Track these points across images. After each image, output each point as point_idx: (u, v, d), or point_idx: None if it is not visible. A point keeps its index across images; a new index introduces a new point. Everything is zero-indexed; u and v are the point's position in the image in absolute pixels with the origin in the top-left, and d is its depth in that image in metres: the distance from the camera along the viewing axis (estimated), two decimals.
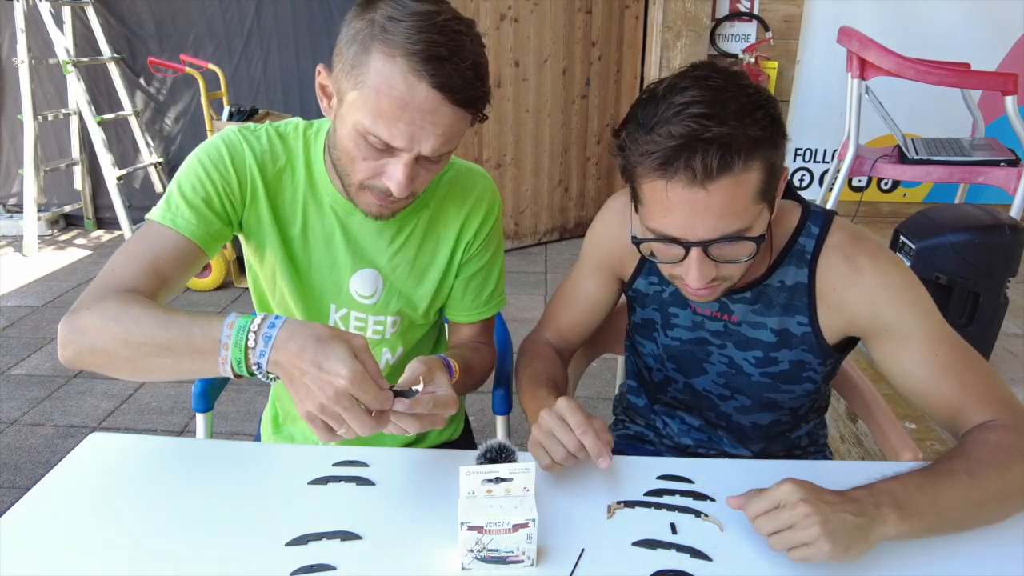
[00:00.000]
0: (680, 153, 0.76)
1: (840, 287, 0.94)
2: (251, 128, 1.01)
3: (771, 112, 0.80)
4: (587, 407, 0.86)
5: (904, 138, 2.51)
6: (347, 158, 0.89)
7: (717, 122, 0.75)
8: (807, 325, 0.97)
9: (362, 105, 0.82)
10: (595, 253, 1.12)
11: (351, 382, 0.71)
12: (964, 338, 0.91)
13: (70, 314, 0.85)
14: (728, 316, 1.01)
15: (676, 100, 0.77)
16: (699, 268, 0.84)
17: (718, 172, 0.76)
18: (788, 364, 1.00)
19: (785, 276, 0.97)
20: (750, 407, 1.05)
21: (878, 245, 0.95)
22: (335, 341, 0.73)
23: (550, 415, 0.84)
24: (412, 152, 0.85)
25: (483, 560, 0.73)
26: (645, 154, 0.79)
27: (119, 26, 4.15)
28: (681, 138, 0.76)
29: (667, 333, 1.07)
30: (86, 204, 4.52)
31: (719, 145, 0.75)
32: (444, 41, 0.79)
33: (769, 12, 3.23)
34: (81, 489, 0.86)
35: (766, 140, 0.79)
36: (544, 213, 4.28)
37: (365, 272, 1.05)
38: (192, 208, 0.94)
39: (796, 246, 0.97)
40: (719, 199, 0.78)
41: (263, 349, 0.75)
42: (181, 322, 0.80)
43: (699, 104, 0.76)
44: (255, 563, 0.74)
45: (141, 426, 2.44)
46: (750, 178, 0.79)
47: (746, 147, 0.77)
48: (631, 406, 1.22)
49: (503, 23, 3.73)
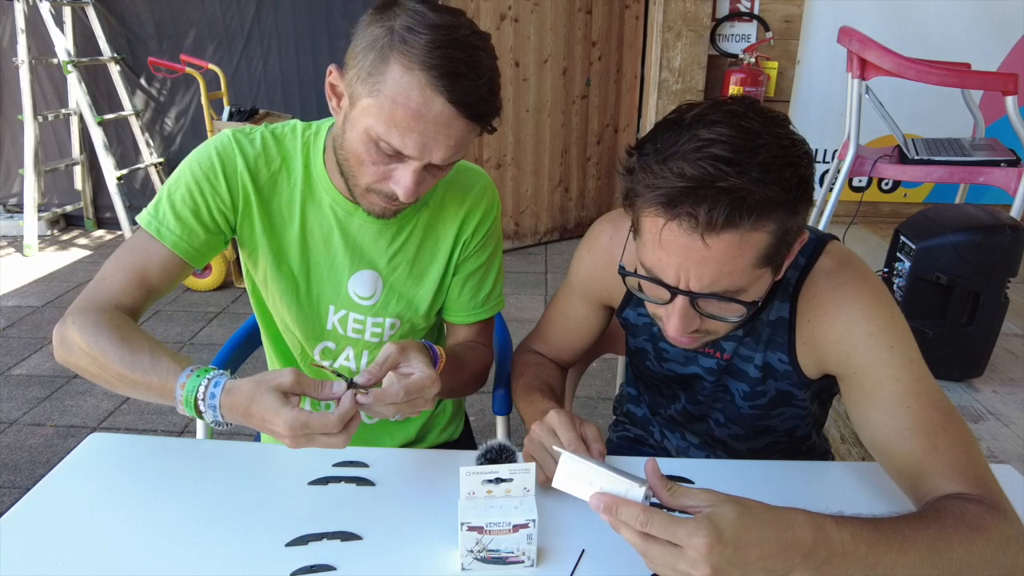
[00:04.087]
0: (687, 197, 0.69)
1: (814, 320, 0.87)
2: (246, 131, 1.01)
3: (801, 172, 0.71)
4: (587, 407, 0.86)
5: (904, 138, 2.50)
6: (355, 160, 0.89)
7: (737, 171, 0.67)
8: (787, 363, 0.93)
9: (377, 112, 0.83)
10: (581, 283, 1.08)
11: (291, 429, 0.74)
12: (964, 338, 0.89)
13: (63, 321, 0.91)
14: (720, 354, 0.99)
15: (701, 134, 0.69)
16: (681, 318, 0.78)
17: (723, 227, 0.69)
18: (775, 392, 0.98)
19: (770, 311, 0.92)
20: (743, 435, 1.05)
21: (865, 276, 0.87)
22: (264, 393, 0.76)
23: (541, 428, 0.83)
24: (423, 161, 0.85)
25: (483, 560, 0.73)
26: (651, 187, 0.72)
27: (119, 26, 4.16)
28: (692, 180, 0.68)
29: (661, 364, 1.06)
30: (86, 204, 4.52)
31: (731, 199, 0.68)
32: (463, 57, 0.80)
33: (769, 12, 3.23)
34: (81, 489, 0.86)
35: (786, 204, 0.71)
36: (544, 213, 4.28)
37: (364, 273, 1.05)
38: (178, 219, 0.96)
39: (784, 278, 0.89)
40: (717, 254, 0.71)
41: (214, 415, 0.80)
42: (143, 367, 0.85)
43: (723, 145, 0.68)
44: (255, 563, 0.74)
45: (141, 426, 2.44)
46: (757, 239, 0.71)
47: (760, 207, 0.69)
48: (630, 413, 1.22)
49: (503, 23, 3.73)
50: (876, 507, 0.82)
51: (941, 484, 0.74)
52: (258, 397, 0.76)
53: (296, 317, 1.06)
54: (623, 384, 1.30)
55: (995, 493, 0.73)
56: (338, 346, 1.10)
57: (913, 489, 0.78)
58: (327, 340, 1.09)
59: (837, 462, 1.14)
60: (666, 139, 0.72)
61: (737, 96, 0.78)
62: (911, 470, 0.78)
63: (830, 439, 1.23)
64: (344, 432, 0.76)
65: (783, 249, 0.75)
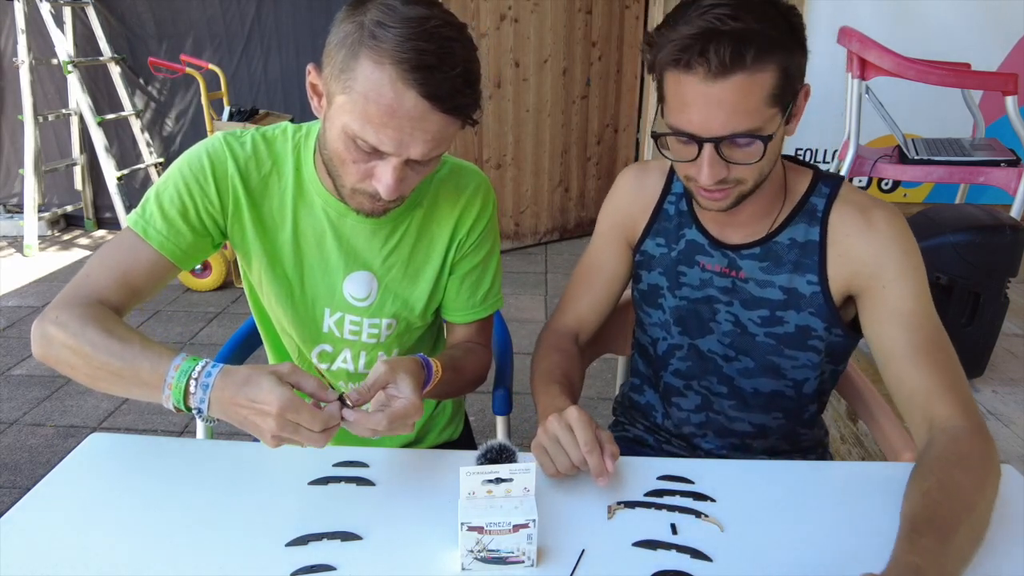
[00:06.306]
0: (695, 44, 0.81)
1: (853, 235, 0.96)
2: (236, 134, 1.01)
3: (791, 20, 0.85)
4: (587, 407, 0.86)
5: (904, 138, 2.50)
6: (337, 159, 0.89)
7: (734, 19, 0.80)
8: (816, 284, 0.99)
9: (351, 110, 0.82)
10: (608, 220, 1.15)
11: (281, 407, 0.75)
12: (964, 338, 0.92)
13: (41, 316, 0.89)
14: (736, 272, 1.03)
15: (704, 2, 0.82)
16: (710, 165, 0.87)
17: (731, 65, 0.80)
18: (793, 327, 1.01)
19: (796, 233, 0.99)
20: (753, 369, 1.06)
21: (893, 208, 0.98)
22: (260, 374, 0.78)
23: (559, 422, 0.84)
24: (401, 157, 0.85)
25: (483, 560, 0.73)
26: (665, 46, 0.84)
27: (119, 26, 4.16)
28: (698, 30, 0.81)
29: (675, 294, 1.08)
30: (86, 204, 4.52)
31: (733, 38, 0.80)
32: (433, 49, 0.79)
33: None
34: (81, 489, 0.86)
35: (781, 42, 0.83)
36: (544, 213, 4.28)
37: (359, 274, 1.05)
38: (166, 220, 0.95)
39: (808, 205, 1.00)
40: (731, 95, 0.82)
41: (202, 396, 0.80)
42: (134, 353, 0.84)
43: (723, 6, 0.81)
44: (255, 563, 0.74)
45: (141, 426, 2.44)
46: (763, 78, 0.83)
47: (759, 43, 0.81)
48: (633, 404, 1.22)
49: (503, 23, 3.73)
50: (876, 507, 0.82)
51: (938, 406, 0.87)
52: (254, 378, 0.77)
53: (292, 319, 1.06)
54: (623, 383, 1.30)
55: (974, 413, 0.88)
56: (335, 349, 1.10)
57: (913, 403, 0.90)
58: (323, 343, 1.09)
59: (837, 462, 1.14)
60: (676, 14, 0.86)
61: None
62: (915, 384, 0.90)
63: (830, 439, 1.23)
64: (325, 433, 0.78)
65: (788, 89, 0.86)
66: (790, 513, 0.83)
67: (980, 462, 0.82)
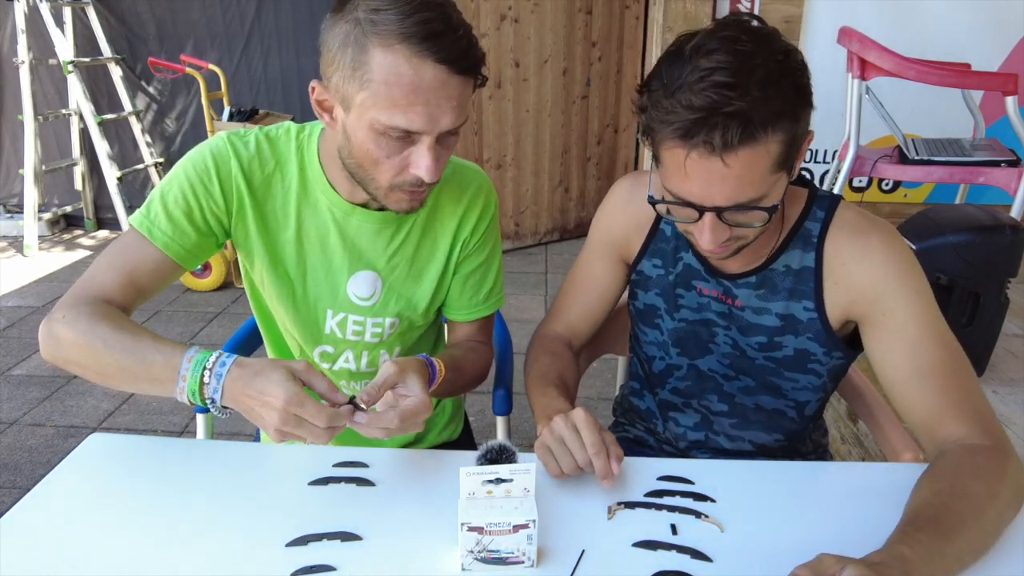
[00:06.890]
0: (700, 127, 0.77)
1: (849, 261, 0.93)
2: (240, 134, 1.01)
3: (798, 81, 0.80)
4: (587, 407, 0.86)
5: (904, 138, 2.50)
6: (369, 162, 0.89)
7: (739, 93, 0.75)
8: (813, 311, 0.97)
9: (375, 102, 0.83)
10: (602, 236, 1.13)
11: (287, 402, 0.76)
12: (964, 338, 0.91)
13: (49, 317, 0.90)
14: (732, 300, 1.01)
15: (701, 64, 0.77)
16: (712, 231, 0.85)
17: (737, 146, 0.77)
18: (792, 351, 1.00)
19: (791, 260, 0.97)
20: (754, 388, 1.05)
21: (890, 228, 0.95)
22: (273, 368, 0.79)
23: (565, 423, 0.84)
24: (433, 133, 0.85)
25: (483, 561, 0.73)
26: (665, 122, 0.80)
27: (119, 26, 4.16)
28: (702, 110, 0.76)
29: (673, 316, 1.07)
30: (86, 204, 4.52)
31: (740, 120, 0.75)
32: (435, 16, 0.81)
33: (769, 12, 3.23)
34: (81, 489, 0.86)
35: (789, 112, 0.79)
36: (544, 214, 4.28)
37: (363, 274, 1.05)
38: (171, 220, 0.95)
39: (802, 230, 0.97)
40: (736, 170, 0.79)
41: (216, 386, 0.81)
42: (145, 348, 0.85)
43: (723, 71, 0.75)
44: (255, 563, 0.74)
45: (141, 426, 2.44)
46: (769, 149, 0.79)
47: (767, 120, 0.77)
48: (632, 408, 1.22)
49: (503, 23, 3.73)
50: (876, 507, 0.82)
51: (948, 427, 0.84)
52: (266, 371, 0.79)
53: (293, 319, 1.06)
54: (623, 385, 1.30)
55: (996, 431, 0.83)
56: (336, 349, 1.10)
57: (924, 429, 0.87)
58: (324, 344, 1.09)
59: (837, 462, 1.14)
60: (671, 73, 0.80)
61: (729, 19, 0.83)
62: (924, 409, 0.87)
63: (830, 439, 1.22)
64: (329, 430, 0.79)
65: (793, 152, 0.83)
66: (790, 513, 0.83)
67: (998, 475, 0.78)
